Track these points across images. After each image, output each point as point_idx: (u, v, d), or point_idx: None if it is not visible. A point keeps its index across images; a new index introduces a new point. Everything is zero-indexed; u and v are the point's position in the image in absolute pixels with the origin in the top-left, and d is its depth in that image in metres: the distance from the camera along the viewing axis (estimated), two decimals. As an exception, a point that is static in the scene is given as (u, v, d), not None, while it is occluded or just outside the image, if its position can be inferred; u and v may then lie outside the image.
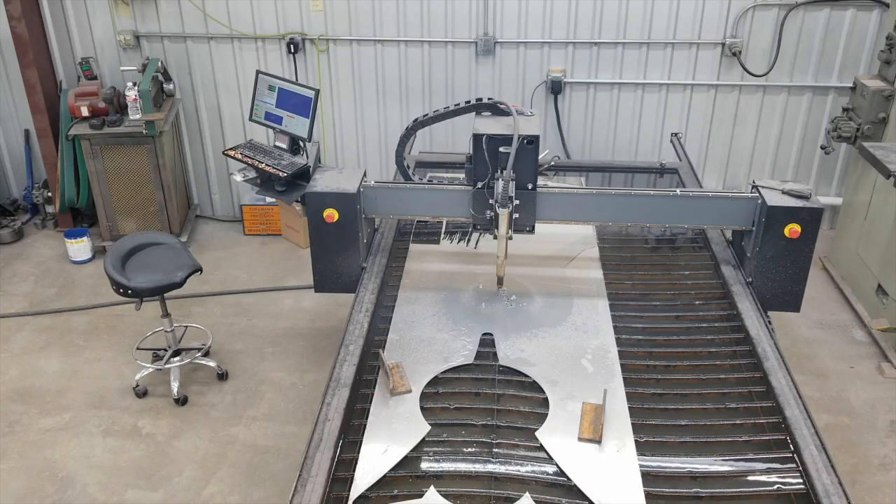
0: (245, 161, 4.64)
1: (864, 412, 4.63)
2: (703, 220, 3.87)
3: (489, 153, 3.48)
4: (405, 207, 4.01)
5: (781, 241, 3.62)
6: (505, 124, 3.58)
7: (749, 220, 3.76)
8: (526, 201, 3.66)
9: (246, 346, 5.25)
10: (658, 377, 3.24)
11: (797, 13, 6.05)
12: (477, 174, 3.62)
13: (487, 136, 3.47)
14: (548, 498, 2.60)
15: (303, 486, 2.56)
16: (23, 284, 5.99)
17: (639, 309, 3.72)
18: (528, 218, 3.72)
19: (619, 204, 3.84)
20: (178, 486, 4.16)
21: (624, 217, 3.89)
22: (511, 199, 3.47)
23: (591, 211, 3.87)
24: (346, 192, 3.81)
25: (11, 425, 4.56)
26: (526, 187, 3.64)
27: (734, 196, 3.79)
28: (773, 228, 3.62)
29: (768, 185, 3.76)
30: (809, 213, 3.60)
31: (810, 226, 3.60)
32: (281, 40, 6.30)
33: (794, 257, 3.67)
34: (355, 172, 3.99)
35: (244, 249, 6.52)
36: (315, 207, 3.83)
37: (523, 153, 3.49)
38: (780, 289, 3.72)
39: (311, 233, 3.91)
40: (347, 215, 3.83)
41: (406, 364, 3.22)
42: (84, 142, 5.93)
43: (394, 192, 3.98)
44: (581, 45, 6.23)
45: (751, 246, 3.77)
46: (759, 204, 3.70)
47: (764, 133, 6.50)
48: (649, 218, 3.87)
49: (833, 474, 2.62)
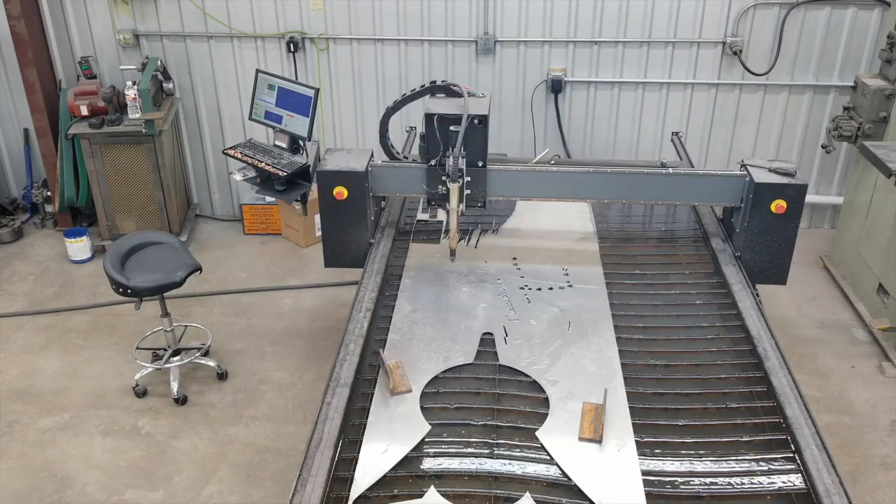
0: (245, 160, 4.63)
1: (864, 412, 4.63)
2: (694, 197, 4.12)
3: (440, 132, 3.74)
4: (408, 186, 4.21)
5: (768, 217, 3.85)
6: (456, 105, 3.80)
7: (738, 196, 3.99)
8: (477, 178, 3.92)
9: (246, 345, 5.24)
10: (659, 377, 3.23)
11: (798, 12, 6.04)
12: (430, 152, 3.84)
13: (439, 115, 3.72)
14: (548, 498, 2.59)
15: (303, 485, 2.56)
16: (22, 284, 5.98)
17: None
18: (479, 193, 3.98)
19: (608, 182, 4.10)
20: (177, 485, 4.15)
21: (613, 194, 4.16)
22: (462, 174, 3.74)
23: (566, 188, 4.15)
24: (356, 171, 4.04)
25: (11, 425, 4.56)
26: (476, 164, 3.89)
27: (723, 174, 4.03)
28: (760, 204, 3.85)
29: (756, 164, 3.99)
30: (794, 190, 3.82)
31: (795, 202, 3.82)
32: (281, 39, 6.30)
33: (781, 232, 3.90)
34: (363, 153, 4.22)
35: (244, 249, 6.52)
36: (326, 185, 4.04)
37: (473, 132, 3.74)
38: (767, 262, 3.97)
39: (322, 210, 4.13)
40: (356, 193, 4.06)
41: (406, 364, 3.21)
42: (83, 141, 5.92)
43: (398, 171, 4.22)
44: (581, 44, 6.22)
45: (739, 221, 4.00)
46: (747, 181, 3.93)
47: (765, 132, 6.50)
48: (642, 195, 4.11)
49: (834, 474, 2.62)
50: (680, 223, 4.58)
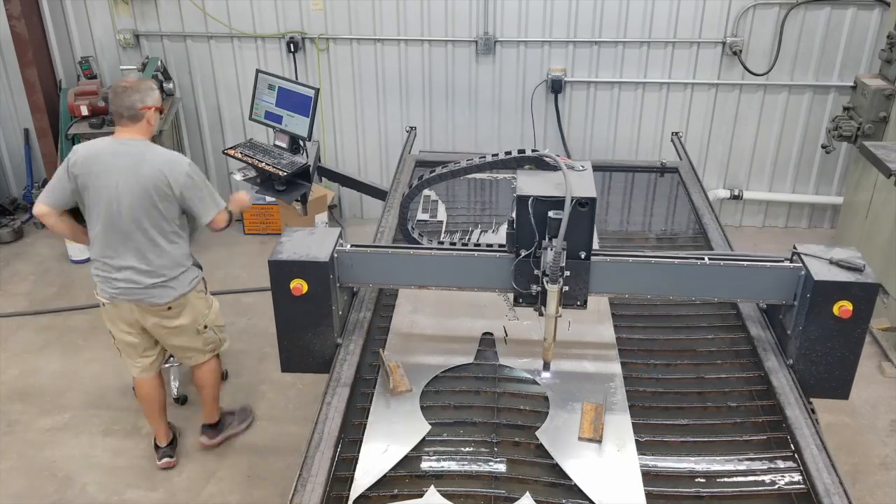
0: (245, 160, 4.63)
1: (864, 412, 4.63)
2: (737, 293, 3.33)
3: (535, 218, 2.97)
4: (387, 275, 3.37)
5: (829, 321, 3.10)
6: (553, 183, 3.06)
7: (791, 293, 3.22)
8: (578, 272, 3.11)
9: (246, 345, 5.24)
10: (658, 376, 3.23)
11: (798, 12, 6.04)
12: (519, 242, 3.07)
13: (535, 197, 2.96)
14: (548, 498, 2.59)
15: (303, 485, 2.55)
16: (22, 284, 5.98)
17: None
18: (581, 291, 3.15)
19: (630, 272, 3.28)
20: (177, 485, 4.15)
21: (640, 289, 3.35)
22: (562, 272, 2.98)
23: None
24: (317, 261, 3.17)
25: (11, 425, 4.56)
26: (578, 256, 3.08)
27: (773, 266, 3.22)
28: (820, 306, 3.09)
29: (812, 253, 3.22)
30: (863, 289, 3.04)
31: (864, 304, 3.06)
32: (281, 39, 6.30)
33: (845, 339, 3.13)
34: (328, 234, 3.34)
35: (244, 249, 6.52)
36: (280, 278, 3.19)
37: (577, 218, 2.97)
38: (826, 373, 3.20)
39: (276, 306, 3.26)
40: (318, 286, 3.19)
41: (406, 364, 3.21)
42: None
43: (377, 258, 3.32)
44: (581, 44, 6.22)
45: (792, 324, 3.24)
46: (803, 276, 3.15)
47: (765, 132, 6.50)
48: (672, 291, 3.33)
49: (834, 474, 2.61)
50: (679, 224, 4.58)
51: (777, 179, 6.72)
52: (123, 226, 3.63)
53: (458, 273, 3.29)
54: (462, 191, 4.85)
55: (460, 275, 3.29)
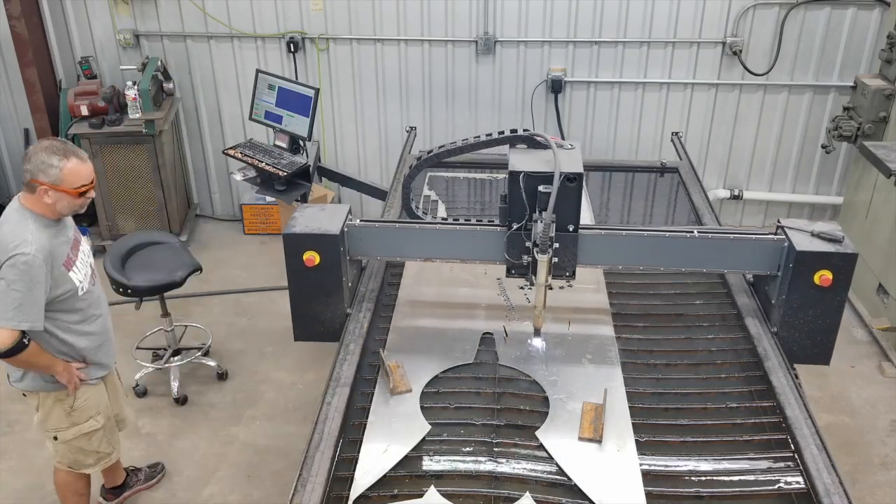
0: (245, 160, 4.65)
1: (864, 411, 4.63)
2: (723, 263, 3.54)
3: (526, 192, 3.15)
4: (392, 248, 3.60)
5: (811, 290, 3.28)
6: (543, 160, 3.23)
7: (774, 264, 3.40)
8: (566, 244, 3.29)
9: (246, 345, 5.24)
10: (659, 376, 3.23)
11: (798, 12, 6.04)
12: (512, 215, 3.26)
13: (525, 173, 3.13)
14: (548, 498, 2.59)
15: (303, 485, 2.56)
16: (22, 284, 5.97)
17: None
18: (569, 262, 3.34)
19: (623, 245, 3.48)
20: (178, 485, 4.15)
21: (631, 260, 3.55)
22: (552, 243, 3.14)
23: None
24: (329, 234, 3.36)
25: (11, 424, 4.56)
26: (567, 229, 3.25)
27: (757, 238, 3.42)
28: (802, 275, 3.27)
29: (795, 226, 3.41)
30: (842, 259, 3.23)
31: (843, 272, 3.25)
32: (281, 39, 6.30)
33: (825, 307, 3.31)
34: (339, 210, 3.54)
35: (244, 249, 6.52)
36: (293, 250, 3.37)
37: (565, 192, 3.14)
38: (808, 340, 3.40)
39: (290, 277, 3.44)
40: (330, 258, 3.38)
41: (406, 364, 3.21)
42: (84, 141, 5.91)
43: (381, 231, 3.54)
44: (581, 44, 6.22)
45: (776, 293, 3.43)
46: (786, 247, 3.32)
47: (765, 132, 6.50)
48: (662, 261, 3.53)
49: (834, 474, 2.62)
50: (679, 224, 4.58)
51: (777, 179, 6.72)
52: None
53: (460, 246, 3.49)
54: (462, 191, 4.85)
55: (462, 248, 3.49)
